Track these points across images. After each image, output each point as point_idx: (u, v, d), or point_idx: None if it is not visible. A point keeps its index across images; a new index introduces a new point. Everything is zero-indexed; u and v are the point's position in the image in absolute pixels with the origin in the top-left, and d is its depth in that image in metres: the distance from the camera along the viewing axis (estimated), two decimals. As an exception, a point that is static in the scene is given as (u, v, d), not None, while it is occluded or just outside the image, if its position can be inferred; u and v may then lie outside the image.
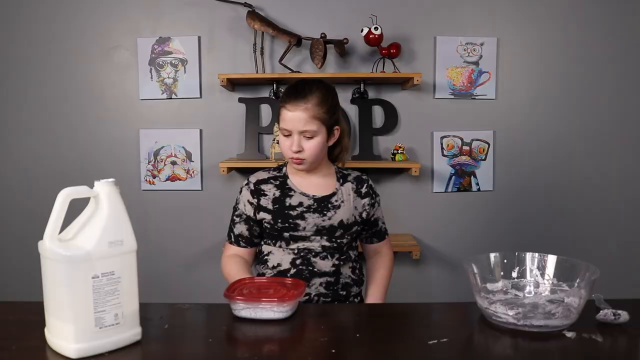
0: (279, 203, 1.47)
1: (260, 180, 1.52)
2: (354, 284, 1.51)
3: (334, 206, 1.48)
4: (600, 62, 2.48)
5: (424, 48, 2.45)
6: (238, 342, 1.02)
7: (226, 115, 2.47)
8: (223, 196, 2.49)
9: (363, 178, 1.57)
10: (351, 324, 1.09)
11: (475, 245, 2.51)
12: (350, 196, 1.51)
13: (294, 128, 1.41)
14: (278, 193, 1.49)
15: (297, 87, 1.45)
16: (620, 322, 1.05)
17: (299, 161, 1.44)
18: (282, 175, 1.53)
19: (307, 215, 1.46)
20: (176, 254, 2.53)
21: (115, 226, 0.93)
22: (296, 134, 1.41)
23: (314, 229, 1.45)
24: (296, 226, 1.45)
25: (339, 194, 1.50)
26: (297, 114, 1.40)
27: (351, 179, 1.55)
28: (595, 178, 2.54)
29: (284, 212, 1.46)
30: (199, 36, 2.43)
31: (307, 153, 1.43)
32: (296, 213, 1.46)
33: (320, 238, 1.46)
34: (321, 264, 1.46)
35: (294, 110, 1.40)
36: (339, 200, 1.49)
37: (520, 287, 1.16)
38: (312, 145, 1.43)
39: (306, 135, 1.42)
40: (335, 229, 1.47)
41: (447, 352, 0.95)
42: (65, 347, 0.90)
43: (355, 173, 1.58)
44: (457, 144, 2.50)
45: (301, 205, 1.47)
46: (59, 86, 2.46)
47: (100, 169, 2.46)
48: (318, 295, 1.45)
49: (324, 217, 1.46)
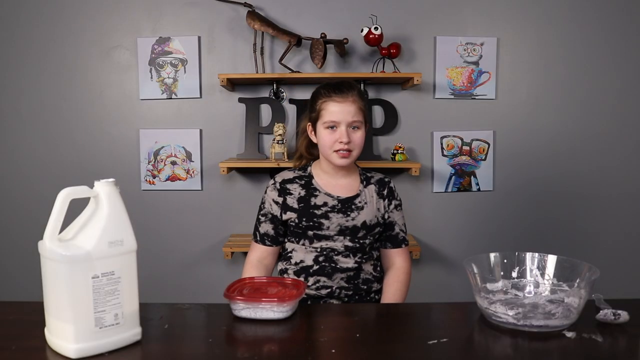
0: (304, 202, 1.50)
1: (286, 180, 1.54)
2: (375, 281, 1.56)
3: (358, 207, 1.51)
4: (600, 62, 2.48)
5: (424, 48, 2.45)
6: (238, 342, 1.02)
7: (226, 115, 2.47)
8: (223, 196, 2.49)
9: (385, 180, 1.59)
10: (351, 324, 1.09)
11: (475, 245, 2.51)
12: (373, 198, 1.54)
13: (343, 119, 1.44)
14: (303, 192, 1.52)
15: (338, 83, 1.49)
16: (620, 322, 1.05)
17: (347, 154, 1.45)
18: (307, 175, 1.56)
19: (332, 215, 1.49)
20: (176, 254, 2.53)
21: (115, 226, 0.93)
22: (344, 126, 1.44)
23: (338, 228, 1.48)
24: (320, 225, 1.48)
25: (363, 196, 1.53)
26: (347, 105, 1.44)
27: (374, 181, 1.57)
28: (595, 178, 2.54)
29: (309, 211, 1.49)
30: (199, 36, 2.43)
31: (355, 144, 1.45)
32: (321, 212, 1.49)
33: (344, 238, 1.49)
34: (343, 261, 1.49)
35: (343, 102, 1.44)
36: (362, 202, 1.52)
37: (520, 287, 1.16)
38: (359, 136, 1.47)
39: (354, 126, 1.45)
40: (358, 230, 1.49)
41: (447, 352, 0.95)
42: (65, 347, 0.90)
43: (378, 175, 1.60)
44: (457, 144, 2.50)
45: (326, 205, 1.50)
46: (59, 86, 2.46)
47: (100, 169, 2.46)
48: (340, 289, 1.49)
49: (348, 218, 1.49)
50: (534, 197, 2.54)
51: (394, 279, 1.56)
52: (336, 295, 1.50)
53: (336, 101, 1.45)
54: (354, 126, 1.46)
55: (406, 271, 1.59)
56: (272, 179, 1.57)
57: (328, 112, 1.45)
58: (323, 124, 1.47)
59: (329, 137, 1.46)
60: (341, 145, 1.44)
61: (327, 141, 1.47)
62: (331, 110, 1.45)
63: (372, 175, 1.60)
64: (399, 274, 1.57)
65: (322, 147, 1.50)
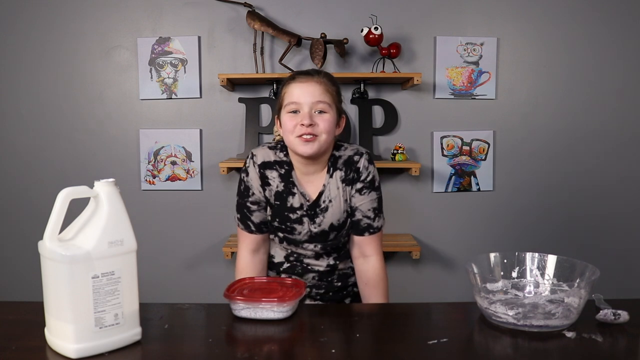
0: (281, 200, 1.36)
1: (266, 163, 1.36)
2: (353, 274, 1.47)
3: (322, 209, 1.36)
4: (600, 61, 2.48)
5: (424, 48, 2.45)
6: (238, 342, 1.02)
7: (226, 115, 2.47)
8: (223, 196, 2.49)
9: (354, 159, 1.37)
10: (351, 324, 1.09)
11: (475, 245, 2.51)
12: (339, 190, 1.36)
13: (305, 100, 1.28)
14: (282, 187, 1.36)
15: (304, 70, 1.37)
16: (620, 322, 1.05)
17: (311, 137, 1.27)
18: (287, 162, 1.37)
19: (305, 219, 1.37)
20: (176, 254, 2.53)
21: (115, 226, 0.93)
22: (307, 107, 1.28)
23: (308, 235, 1.37)
24: (292, 230, 1.37)
25: (327, 192, 1.36)
26: (310, 85, 1.29)
27: (341, 163, 1.37)
28: (595, 178, 2.54)
29: (283, 213, 1.37)
30: (199, 36, 2.43)
31: (321, 127, 1.28)
32: (295, 217, 1.36)
33: (314, 246, 1.39)
34: (315, 263, 1.43)
35: (306, 82, 1.30)
36: (327, 200, 1.36)
37: (520, 287, 1.16)
38: (326, 119, 1.29)
39: (320, 110, 1.29)
40: (327, 234, 1.37)
41: (447, 352, 0.95)
42: (65, 347, 0.90)
43: (349, 152, 1.38)
44: (457, 144, 2.50)
45: (301, 207, 1.36)
46: (59, 86, 2.46)
47: (100, 169, 2.46)
48: (312, 287, 1.43)
49: (314, 225, 1.37)
50: (534, 197, 2.54)
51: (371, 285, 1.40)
52: (307, 294, 1.42)
53: (299, 82, 1.30)
54: (319, 110, 1.29)
55: (379, 273, 1.40)
56: (252, 156, 1.38)
57: (289, 95, 1.30)
58: (285, 108, 1.31)
59: (290, 121, 1.29)
60: (302, 129, 1.26)
61: (288, 126, 1.29)
62: (291, 92, 1.30)
63: (342, 154, 1.37)
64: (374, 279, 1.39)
65: (284, 135, 1.32)
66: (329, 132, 1.29)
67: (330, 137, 1.31)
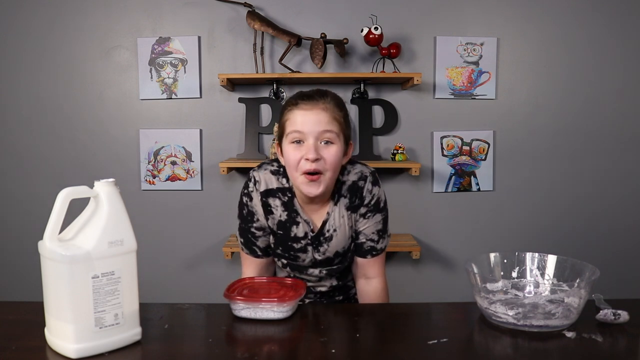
0: (284, 229, 1.30)
1: (269, 192, 1.29)
2: (354, 286, 1.47)
3: (326, 238, 1.31)
4: (600, 61, 2.48)
5: (424, 48, 2.45)
6: (238, 342, 1.02)
7: (226, 115, 2.47)
8: (223, 196, 2.49)
9: (359, 185, 1.29)
10: (351, 324, 1.09)
11: (475, 245, 2.51)
12: (344, 218, 1.30)
13: (310, 130, 1.16)
14: (285, 216, 1.29)
15: (308, 91, 1.24)
16: (620, 322, 1.05)
17: (317, 177, 1.17)
18: (290, 189, 1.29)
19: (309, 248, 1.33)
20: (176, 254, 2.53)
21: (115, 226, 0.93)
22: (312, 138, 1.16)
23: (312, 262, 1.35)
24: (296, 258, 1.34)
25: (331, 221, 1.30)
26: (316, 112, 1.17)
27: (346, 189, 1.29)
28: (595, 178, 2.54)
29: (287, 243, 1.31)
30: (199, 36, 2.43)
31: (328, 162, 1.17)
32: (299, 246, 1.31)
33: (319, 271, 1.36)
34: (318, 284, 1.42)
35: (311, 109, 1.18)
36: (331, 229, 1.30)
37: (520, 287, 1.16)
38: (333, 152, 1.18)
39: (325, 139, 1.18)
40: (331, 260, 1.34)
41: (447, 352, 0.95)
42: (65, 347, 0.90)
43: (353, 176, 1.30)
44: (457, 144, 2.50)
45: (305, 237, 1.31)
46: (59, 86, 2.46)
47: (100, 169, 2.46)
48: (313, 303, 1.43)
49: (319, 253, 1.33)
50: (534, 197, 2.54)
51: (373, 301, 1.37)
52: None
53: (302, 108, 1.18)
54: (326, 140, 1.18)
55: (380, 295, 1.37)
56: (253, 181, 1.29)
57: (292, 122, 1.19)
58: (287, 137, 1.20)
59: (293, 153, 1.18)
60: (307, 164, 1.16)
61: (291, 159, 1.18)
62: (294, 120, 1.18)
63: (346, 179, 1.29)
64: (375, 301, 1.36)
65: (287, 169, 1.22)
66: (335, 169, 1.20)
67: (336, 173, 1.23)
